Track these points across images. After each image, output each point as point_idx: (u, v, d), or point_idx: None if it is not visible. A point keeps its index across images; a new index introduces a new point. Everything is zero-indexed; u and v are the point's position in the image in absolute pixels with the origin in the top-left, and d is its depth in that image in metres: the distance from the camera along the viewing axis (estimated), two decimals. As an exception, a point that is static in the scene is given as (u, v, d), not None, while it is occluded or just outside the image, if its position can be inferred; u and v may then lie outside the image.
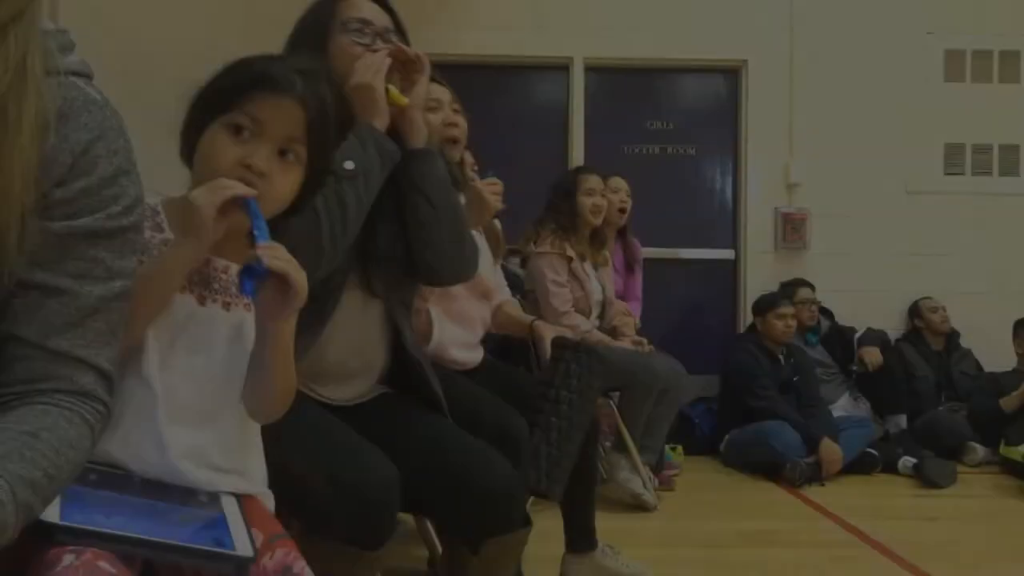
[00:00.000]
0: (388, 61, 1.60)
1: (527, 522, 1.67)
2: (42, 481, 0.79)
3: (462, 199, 2.03)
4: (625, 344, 3.56)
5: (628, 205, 4.04)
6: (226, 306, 1.16)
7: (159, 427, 1.07)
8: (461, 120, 2.51)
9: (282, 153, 1.14)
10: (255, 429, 1.23)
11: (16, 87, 0.79)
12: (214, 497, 1.09)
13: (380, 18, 1.68)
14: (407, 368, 1.75)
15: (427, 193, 1.65)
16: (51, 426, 0.83)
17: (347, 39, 1.64)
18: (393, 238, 1.69)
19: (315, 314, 1.57)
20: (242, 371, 1.14)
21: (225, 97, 1.13)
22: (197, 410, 1.12)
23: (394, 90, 1.60)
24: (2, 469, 0.77)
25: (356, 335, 1.68)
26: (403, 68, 1.64)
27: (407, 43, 1.69)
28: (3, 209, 0.79)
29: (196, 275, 1.14)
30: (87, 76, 0.89)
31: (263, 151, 1.12)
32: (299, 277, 1.06)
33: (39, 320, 0.84)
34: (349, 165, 1.51)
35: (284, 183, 1.15)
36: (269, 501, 1.22)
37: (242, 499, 1.12)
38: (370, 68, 1.58)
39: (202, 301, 1.14)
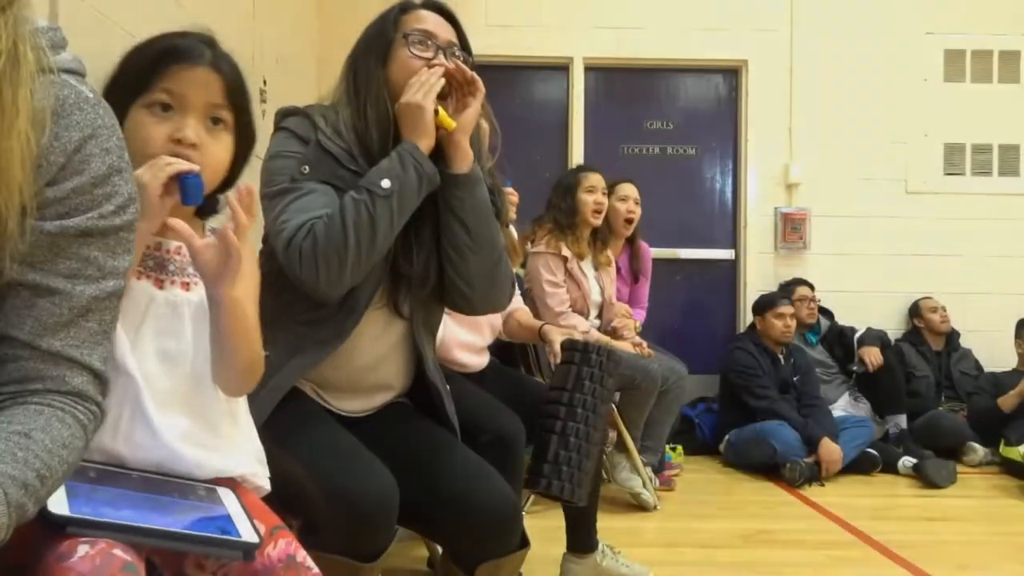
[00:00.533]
0: (442, 81, 1.58)
1: (524, 544, 1.64)
2: (35, 482, 0.79)
3: None
4: (625, 346, 3.56)
5: (636, 215, 3.96)
6: (185, 287, 1.16)
7: (146, 411, 1.08)
8: (483, 123, 2.50)
9: (208, 125, 1.15)
10: (242, 408, 1.24)
11: (10, 72, 0.78)
12: (211, 491, 1.09)
13: (444, 31, 1.67)
14: (427, 391, 1.74)
15: (465, 221, 1.61)
16: (44, 426, 0.82)
17: (407, 52, 1.62)
18: (427, 262, 1.66)
19: (333, 328, 1.57)
20: None
21: (139, 78, 1.14)
22: (178, 393, 1.12)
23: (443, 112, 1.58)
24: (13, 468, 0.77)
25: (374, 353, 1.66)
26: (458, 88, 1.62)
27: (471, 59, 1.68)
28: (2, 192, 0.79)
29: (150, 260, 1.14)
30: (80, 74, 0.88)
31: (190, 123, 1.13)
32: (236, 240, 1.06)
33: (31, 320, 0.84)
34: (385, 184, 1.50)
35: (218, 151, 1.17)
36: (264, 481, 1.22)
37: (239, 492, 1.13)
38: (422, 87, 1.56)
39: (160, 285, 1.14)
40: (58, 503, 0.87)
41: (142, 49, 1.17)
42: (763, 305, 4.50)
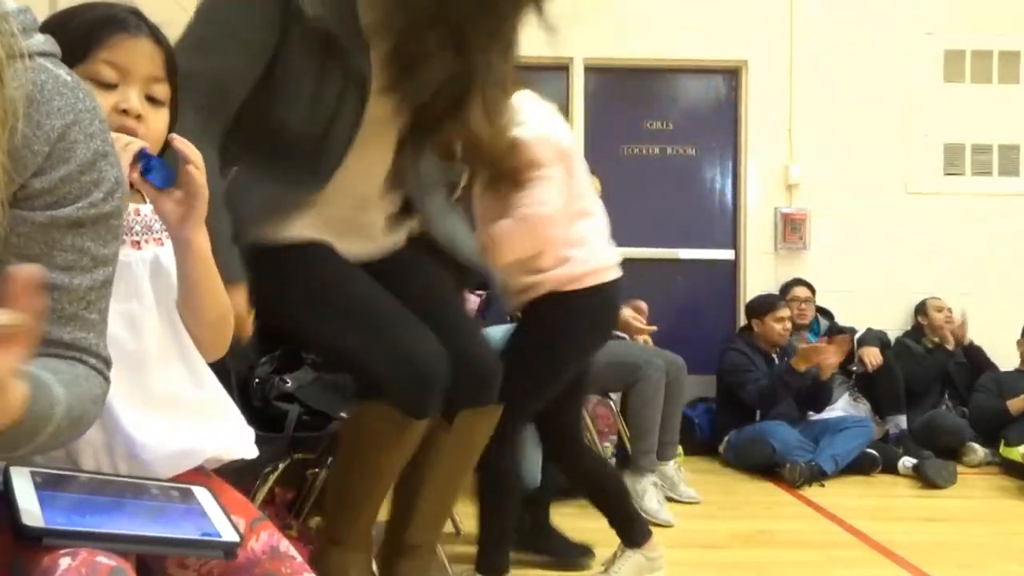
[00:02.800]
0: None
1: (499, 401, 1.81)
2: (77, 417, 0.81)
3: None
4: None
5: None
6: (135, 245, 1.14)
7: (116, 396, 1.05)
8: None
9: (149, 98, 1.13)
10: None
11: None
12: (187, 491, 1.08)
13: None
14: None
15: None
16: (85, 376, 0.85)
17: None
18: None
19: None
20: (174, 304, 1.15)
21: (75, 47, 1.07)
22: (154, 355, 1.11)
23: None
24: (68, 393, 0.80)
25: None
26: None
27: None
28: None
29: None
30: (55, 56, 0.86)
31: (133, 94, 1.11)
32: (199, 176, 1.06)
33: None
34: None
35: (159, 123, 1.15)
36: (248, 447, 1.20)
37: (213, 490, 1.11)
38: None
39: None
40: (32, 515, 0.86)
41: (71, 18, 1.12)
42: (762, 308, 4.45)
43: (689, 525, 3.27)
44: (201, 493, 1.08)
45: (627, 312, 3.40)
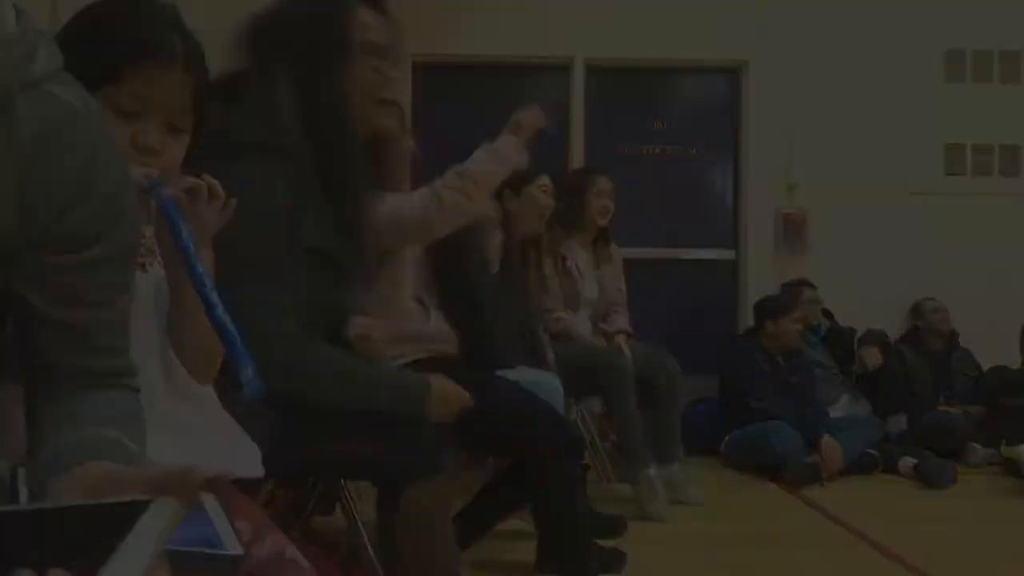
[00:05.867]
0: None
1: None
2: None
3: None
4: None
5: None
6: (142, 267, 1.13)
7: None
8: None
9: (170, 127, 1.10)
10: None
11: None
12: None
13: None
14: None
15: None
16: (133, 409, 0.87)
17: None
18: None
19: None
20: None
21: (104, 73, 1.03)
22: (159, 377, 1.11)
23: None
24: (140, 449, 0.83)
25: None
26: None
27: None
28: None
29: None
30: (59, 74, 0.79)
31: (153, 127, 1.07)
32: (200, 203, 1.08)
33: (70, 354, 0.84)
34: None
35: (175, 155, 1.12)
36: (256, 467, 1.20)
37: (221, 496, 1.11)
38: None
39: None
40: None
41: (105, 30, 1.07)
42: (775, 310, 4.40)
43: (690, 525, 3.27)
44: (209, 501, 1.08)
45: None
